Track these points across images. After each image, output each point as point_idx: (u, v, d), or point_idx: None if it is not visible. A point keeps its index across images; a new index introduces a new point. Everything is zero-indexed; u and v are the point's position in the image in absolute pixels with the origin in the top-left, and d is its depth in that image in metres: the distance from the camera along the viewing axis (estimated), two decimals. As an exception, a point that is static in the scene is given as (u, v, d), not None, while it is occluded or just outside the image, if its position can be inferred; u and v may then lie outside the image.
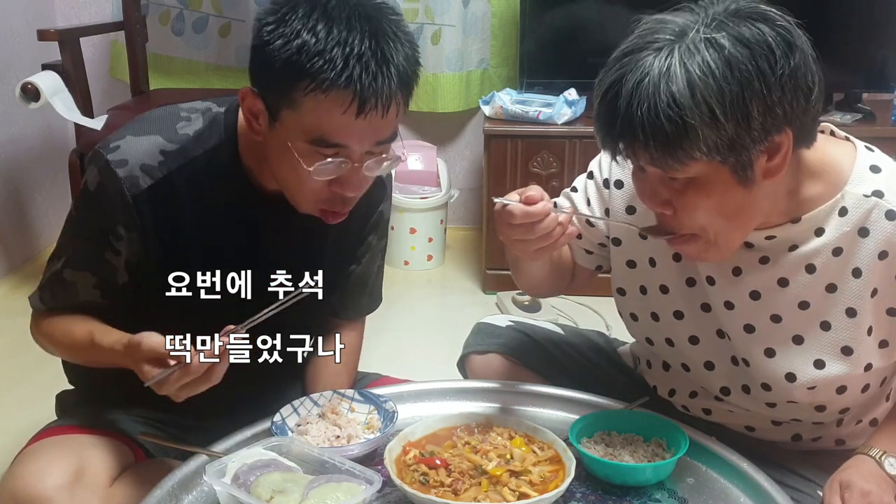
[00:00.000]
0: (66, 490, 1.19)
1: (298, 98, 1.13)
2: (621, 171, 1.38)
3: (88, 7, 3.61)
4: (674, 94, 1.02)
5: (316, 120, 1.14)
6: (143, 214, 1.26)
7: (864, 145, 1.24)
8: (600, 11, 3.23)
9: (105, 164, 1.25)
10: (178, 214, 1.28)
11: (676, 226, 1.16)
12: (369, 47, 1.12)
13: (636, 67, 1.05)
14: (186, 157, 1.27)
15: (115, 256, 1.29)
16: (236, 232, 1.32)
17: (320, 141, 1.16)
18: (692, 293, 1.34)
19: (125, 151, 1.25)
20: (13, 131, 3.21)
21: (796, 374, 1.25)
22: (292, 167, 1.18)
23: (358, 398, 1.36)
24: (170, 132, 1.28)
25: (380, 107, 1.13)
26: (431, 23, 3.44)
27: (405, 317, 2.99)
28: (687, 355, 1.37)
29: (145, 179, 1.25)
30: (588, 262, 1.46)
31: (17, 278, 3.18)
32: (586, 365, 1.55)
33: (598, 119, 1.11)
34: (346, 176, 1.20)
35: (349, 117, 1.13)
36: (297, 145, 1.17)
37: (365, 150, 1.18)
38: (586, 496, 1.19)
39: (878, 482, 1.19)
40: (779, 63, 1.03)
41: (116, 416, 1.37)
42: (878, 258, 1.18)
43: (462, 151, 3.72)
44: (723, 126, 1.03)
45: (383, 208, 1.49)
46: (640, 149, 1.07)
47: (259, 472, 1.14)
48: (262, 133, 1.22)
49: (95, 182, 1.26)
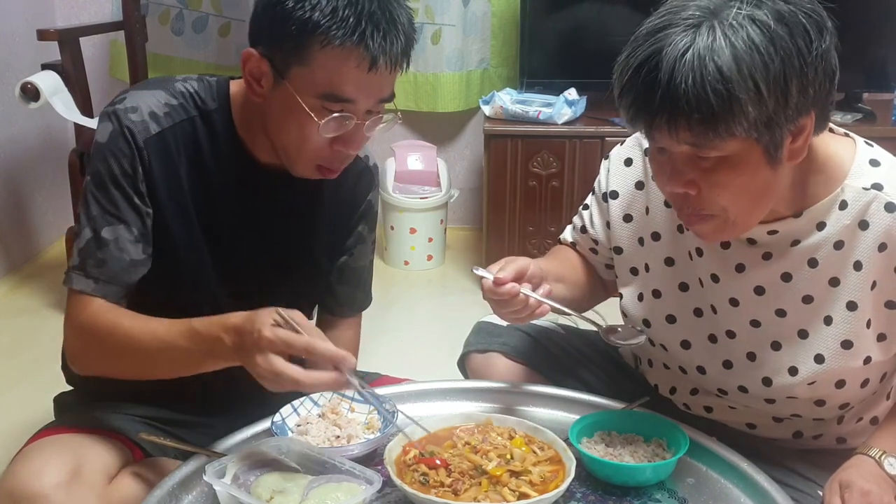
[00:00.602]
0: (64, 488, 1.19)
1: (311, 54, 1.18)
2: (616, 181, 1.41)
3: (88, 7, 3.61)
4: (720, 67, 1.02)
5: (328, 75, 1.19)
6: (151, 161, 1.28)
7: (864, 140, 1.25)
8: (600, 11, 3.23)
9: (115, 113, 1.28)
10: (177, 171, 1.31)
11: (697, 206, 1.15)
12: (378, 7, 1.19)
13: (672, 42, 1.04)
14: (188, 113, 1.32)
15: (142, 199, 1.29)
16: (232, 197, 1.35)
17: (330, 96, 1.20)
18: (687, 297, 1.35)
19: (133, 101, 1.29)
20: (13, 131, 3.21)
21: (799, 368, 1.26)
22: (299, 124, 1.22)
23: (358, 398, 1.36)
24: (171, 88, 1.32)
25: (388, 64, 1.20)
26: (431, 22, 3.44)
27: (405, 317, 2.99)
28: (681, 358, 1.38)
29: (153, 126, 1.28)
30: (611, 274, 1.48)
31: (17, 278, 3.18)
32: (587, 364, 1.55)
33: (630, 94, 1.09)
34: (348, 133, 1.24)
35: (360, 73, 1.19)
36: (307, 100, 1.21)
37: (368, 108, 1.24)
38: (586, 496, 1.18)
39: (878, 482, 1.20)
40: (814, 43, 1.05)
41: (114, 416, 1.37)
42: (878, 250, 1.19)
43: (462, 151, 3.72)
44: (765, 102, 1.04)
45: (371, 198, 1.52)
46: (682, 123, 1.06)
47: (259, 472, 1.14)
48: (264, 95, 1.25)
49: (107, 132, 1.28)
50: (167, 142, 1.29)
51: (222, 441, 1.26)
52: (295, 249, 1.43)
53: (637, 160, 1.40)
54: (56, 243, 3.41)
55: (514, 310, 1.25)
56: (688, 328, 1.35)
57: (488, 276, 1.23)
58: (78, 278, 1.27)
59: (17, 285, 3.13)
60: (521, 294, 1.23)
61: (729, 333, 1.32)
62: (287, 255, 1.42)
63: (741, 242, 1.26)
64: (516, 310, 1.25)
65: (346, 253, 1.53)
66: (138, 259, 1.29)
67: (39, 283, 3.12)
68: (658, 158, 1.16)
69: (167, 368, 1.24)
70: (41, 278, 3.15)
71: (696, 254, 1.32)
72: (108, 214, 1.27)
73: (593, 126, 2.99)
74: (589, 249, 1.51)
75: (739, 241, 1.26)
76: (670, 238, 1.35)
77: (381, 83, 1.22)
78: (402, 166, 3.39)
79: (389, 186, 3.34)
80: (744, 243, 1.26)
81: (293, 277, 1.44)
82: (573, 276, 1.48)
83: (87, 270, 1.27)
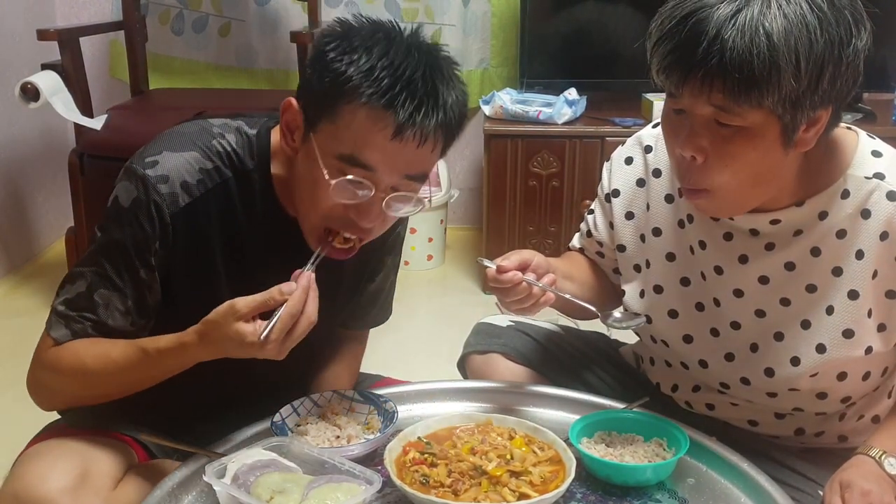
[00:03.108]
0: (70, 493, 1.18)
1: (339, 111, 1.13)
2: (617, 179, 1.41)
3: (88, 7, 3.61)
4: (770, 33, 1.03)
5: (351, 135, 1.13)
6: (177, 232, 1.23)
7: (866, 133, 1.26)
8: (601, 12, 3.23)
9: (143, 179, 1.20)
10: (208, 235, 1.26)
11: (697, 179, 1.16)
12: (421, 76, 1.12)
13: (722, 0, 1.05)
14: (222, 176, 1.25)
15: (150, 273, 1.24)
16: (262, 254, 1.30)
17: (350, 158, 1.14)
18: (689, 292, 1.35)
19: (165, 167, 1.22)
20: (13, 131, 3.21)
21: (801, 359, 1.26)
22: (314, 181, 1.16)
23: (358, 398, 1.36)
24: (207, 149, 1.25)
25: (417, 137, 1.12)
26: (431, 22, 3.44)
27: (405, 317, 2.98)
28: (683, 353, 1.38)
29: (184, 197, 1.22)
30: (619, 278, 1.48)
31: (16, 278, 3.18)
32: (588, 365, 1.55)
33: (669, 42, 1.08)
34: (364, 204, 1.17)
35: (383, 139, 1.12)
36: (326, 160, 1.15)
37: (392, 183, 1.17)
38: (586, 496, 1.18)
39: (878, 482, 1.20)
40: (853, 38, 1.07)
41: (117, 415, 1.37)
42: (880, 239, 1.20)
43: (462, 151, 3.72)
44: (801, 80, 1.05)
45: (401, 229, 1.48)
46: (717, 82, 1.05)
47: (259, 472, 1.14)
48: (296, 148, 1.21)
49: (131, 198, 1.21)
50: (197, 211, 1.23)
51: (222, 441, 1.26)
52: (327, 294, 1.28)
53: (638, 158, 1.40)
54: (56, 243, 3.41)
55: (517, 299, 1.25)
56: (689, 322, 1.35)
57: (492, 266, 1.24)
58: (58, 327, 1.25)
59: (17, 285, 3.13)
60: (523, 283, 1.23)
61: (734, 325, 1.32)
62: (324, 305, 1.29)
63: (743, 233, 1.27)
64: (520, 298, 1.25)
65: (370, 280, 1.50)
66: (122, 329, 1.24)
67: (39, 283, 3.12)
68: (674, 119, 1.16)
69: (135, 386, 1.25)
70: (41, 278, 3.15)
71: (700, 247, 1.32)
72: (107, 279, 1.23)
73: (593, 126, 2.99)
74: (595, 253, 1.51)
75: (742, 231, 1.27)
76: (671, 233, 1.36)
77: (408, 157, 1.14)
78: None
79: (389, 186, 3.33)
80: (746, 234, 1.26)
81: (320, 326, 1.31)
82: (582, 276, 1.48)
83: (70, 324, 1.24)
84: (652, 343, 1.43)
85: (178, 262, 1.25)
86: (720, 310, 1.32)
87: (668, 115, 1.18)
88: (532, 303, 1.25)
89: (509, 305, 1.28)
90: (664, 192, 1.36)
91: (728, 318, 1.32)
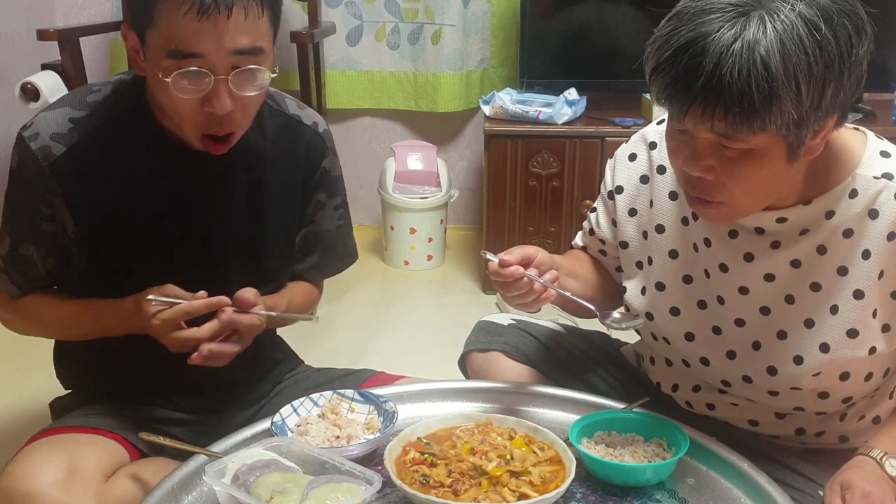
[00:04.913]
0: (60, 486, 1.19)
1: (155, 11, 1.16)
2: (621, 176, 1.41)
3: (88, 7, 3.61)
4: (767, 63, 1.01)
5: (168, 30, 1.16)
6: (64, 182, 1.30)
7: (875, 134, 1.26)
8: (601, 11, 3.23)
9: (21, 142, 1.31)
10: (99, 178, 1.31)
11: (707, 192, 1.15)
12: None
13: (719, 29, 1.03)
14: (97, 119, 1.31)
15: (50, 225, 1.33)
16: (160, 186, 1.34)
17: (176, 52, 1.17)
18: (691, 289, 1.34)
19: (37, 126, 1.31)
20: (13, 131, 3.20)
21: (804, 357, 1.26)
22: (164, 90, 1.20)
23: (358, 398, 1.36)
24: (79, 102, 1.33)
25: (224, 9, 1.14)
26: (431, 22, 3.44)
27: (405, 317, 2.99)
28: (684, 350, 1.38)
29: (57, 147, 1.29)
30: (622, 276, 1.48)
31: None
32: (589, 364, 1.55)
33: (667, 74, 1.07)
34: (213, 92, 1.19)
35: (192, 20, 1.14)
36: (161, 64, 1.18)
37: (225, 62, 1.18)
38: (586, 496, 1.18)
39: (879, 483, 1.19)
40: (854, 48, 1.06)
41: (111, 417, 1.37)
42: (887, 239, 1.20)
43: (462, 151, 3.72)
44: (802, 103, 1.04)
45: (326, 164, 1.49)
46: (719, 112, 1.05)
47: (259, 472, 1.13)
48: (144, 68, 1.24)
49: (16, 159, 1.33)
50: (77, 157, 1.30)
51: (222, 441, 1.26)
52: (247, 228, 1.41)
53: (641, 155, 1.40)
54: None
55: (519, 293, 1.25)
56: (692, 320, 1.35)
57: (494, 259, 1.24)
58: (4, 282, 1.40)
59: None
60: (525, 278, 1.23)
61: (738, 322, 1.31)
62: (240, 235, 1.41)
63: (749, 231, 1.26)
64: (521, 293, 1.24)
65: (305, 224, 1.51)
66: (54, 269, 1.39)
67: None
68: (678, 138, 1.16)
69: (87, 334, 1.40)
70: None
71: (704, 244, 1.32)
72: (21, 235, 1.36)
73: (593, 126, 2.99)
74: (598, 251, 1.51)
75: (747, 230, 1.27)
76: (675, 230, 1.35)
77: (227, 32, 1.16)
78: (402, 166, 3.39)
79: (389, 186, 3.34)
80: (751, 232, 1.26)
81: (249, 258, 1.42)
82: (586, 274, 1.48)
83: (12, 277, 1.39)
84: (653, 341, 1.43)
85: (85, 207, 1.32)
86: (723, 307, 1.32)
87: (671, 131, 1.17)
88: (533, 298, 1.25)
89: (510, 300, 1.27)
90: (668, 189, 1.36)
91: (732, 315, 1.32)
